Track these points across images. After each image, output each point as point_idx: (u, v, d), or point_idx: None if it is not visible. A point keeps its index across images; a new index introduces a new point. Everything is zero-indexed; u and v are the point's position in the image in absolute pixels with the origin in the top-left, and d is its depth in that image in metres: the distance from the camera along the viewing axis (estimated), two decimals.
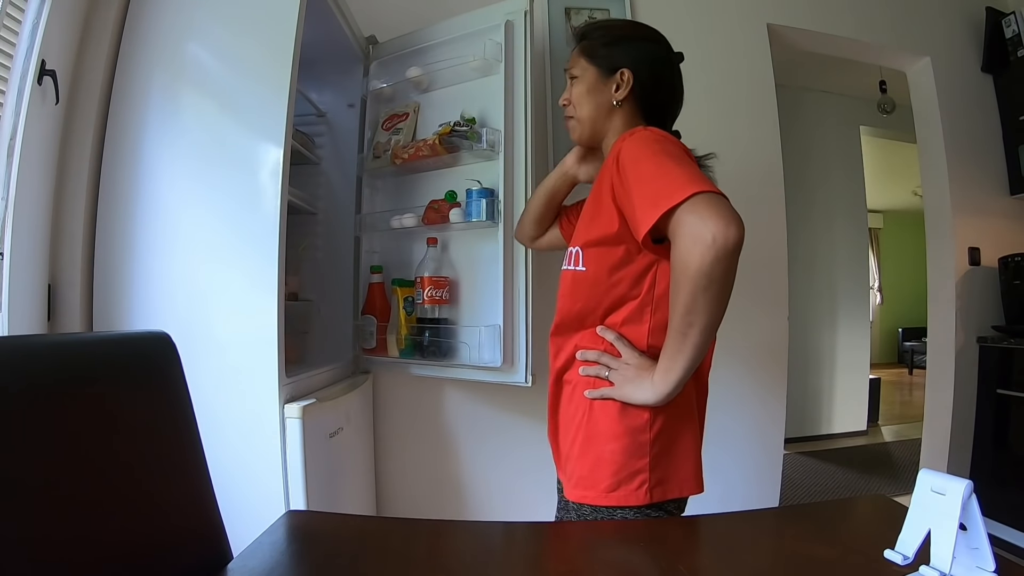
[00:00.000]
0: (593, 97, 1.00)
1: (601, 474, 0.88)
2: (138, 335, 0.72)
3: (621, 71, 0.98)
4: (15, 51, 1.13)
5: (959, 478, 0.56)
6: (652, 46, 1.03)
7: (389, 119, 1.74)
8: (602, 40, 1.02)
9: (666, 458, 0.90)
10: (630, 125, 0.98)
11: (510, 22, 1.57)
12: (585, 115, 1.02)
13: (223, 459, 0.83)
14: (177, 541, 0.64)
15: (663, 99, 1.02)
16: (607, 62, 0.99)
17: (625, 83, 0.98)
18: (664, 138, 0.87)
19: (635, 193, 0.80)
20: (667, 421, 0.90)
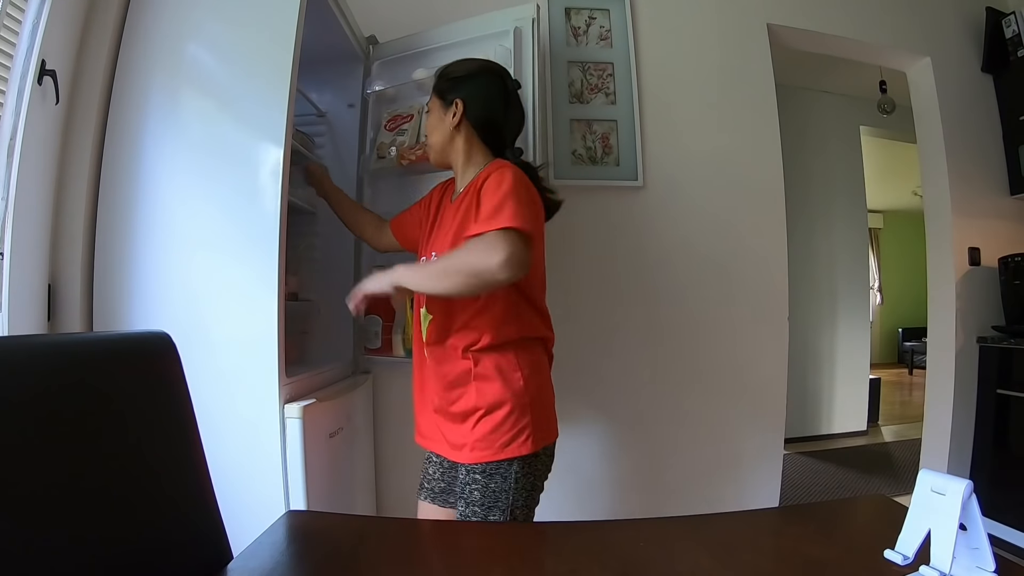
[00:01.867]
0: (438, 126, 1.24)
1: (497, 435, 1.10)
2: (138, 335, 0.72)
3: (455, 102, 1.20)
4: (15, 51, 1.13)
5: (959, 478, 0.56)
6: (485, 78, 1.24)
7: (392, 120, 1.74)
8: (445, 79, 1.25)
9: (538, 415, 1.13)
10: (471, 146, 1.22)
11: (519, 29, 1.59)
12: (434, 141, 1.25)
13: (223, 459, 0.83)
14: (177, 541, 0.64)
15: (495, 122, 1.23)
16: (447, 96, 1.23)
17: (457, 112, 1.20)
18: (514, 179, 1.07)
19: (482, 211, 1.04)
20: (537, 388, 1.14)
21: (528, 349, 1.16)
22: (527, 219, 1.01)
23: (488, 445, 1.10)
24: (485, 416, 1.11)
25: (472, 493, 1.10)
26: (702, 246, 2.07)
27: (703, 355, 2.06)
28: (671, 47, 2.10)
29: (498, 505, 1.09)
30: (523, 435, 1.09)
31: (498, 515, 1.09)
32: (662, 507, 1.99)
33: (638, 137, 2.01)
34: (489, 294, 1.10)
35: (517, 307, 1.14)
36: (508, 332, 1.13)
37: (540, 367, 1.17)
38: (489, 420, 1.11)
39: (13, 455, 0.48)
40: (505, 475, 1.09)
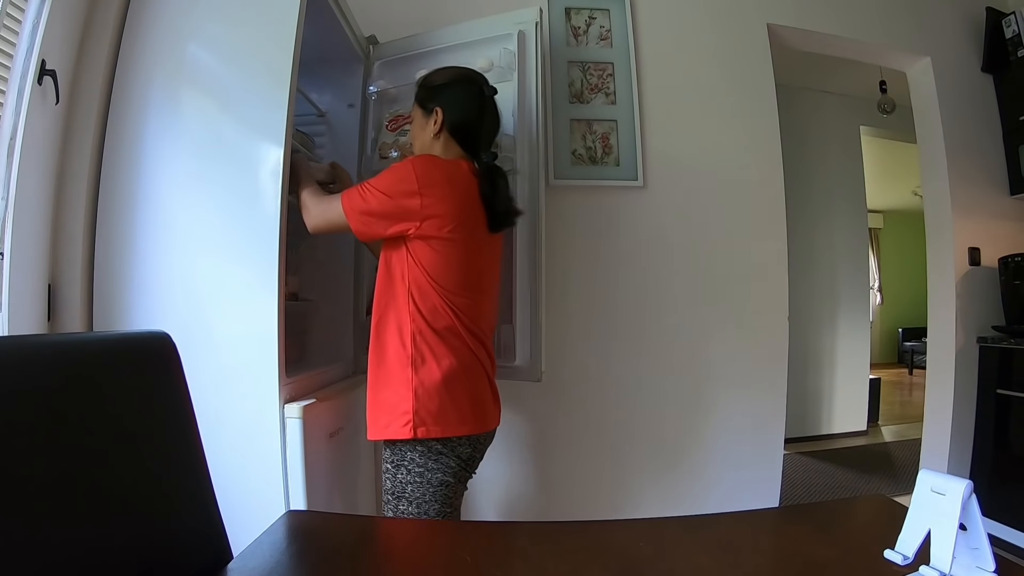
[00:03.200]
0: (420, 134, 1.32)
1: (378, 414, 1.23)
2: (138, 335, 0.72)
3: (435, 110, 1.28)
4: (15, 51, 1.13)
5: (959, 478, 0.56)
6: (463, 87, 1.30)
7: (394, 120, 1.74)
8: (426, 88, 1.32)
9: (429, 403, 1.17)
10: (447, 150, 1.29)
11: (522, 32, 1.59)
12: (416, 148, 1.34)
13: (223, 459, 0.83)
14: (177, 541, 0.64)
15: (471, 129, 1.30)
16: (428, 105, 1.30)
17: (438, 120, 1.28)
18: (408, 174, 1.17)
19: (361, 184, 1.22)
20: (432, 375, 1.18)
21: (429, 339, 1.19)
22: (367, 201, 1.17)
23: (372, 422, 1.22)
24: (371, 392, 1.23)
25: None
26: (702, 246, 2.07)
27: (703, 355, 2.06)
28: (671, 47, 2.11)
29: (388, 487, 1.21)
30: (404, 419, 1.15)
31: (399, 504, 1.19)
32: (662, 507, 1.99)
33: (638, 137, 2.01)
34: (387, 268, 1.21)
35: (420, 289, 1.18)
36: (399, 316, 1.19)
37: (442, 356, 1.19)
38: (373, 397, 1.23)
39: (13, 455, 0.48)
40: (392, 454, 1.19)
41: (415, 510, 1.17)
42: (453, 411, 1.18)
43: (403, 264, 1.19)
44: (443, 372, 1.17)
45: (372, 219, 1.18)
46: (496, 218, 1.27)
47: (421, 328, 1.18)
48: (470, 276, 1.23)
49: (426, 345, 1.18)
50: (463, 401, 1.20)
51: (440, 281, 1.18)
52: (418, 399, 1.15)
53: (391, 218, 1.17)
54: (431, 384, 1.16)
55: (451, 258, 1.19)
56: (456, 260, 1.19)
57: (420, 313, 1.18)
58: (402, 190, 1.16)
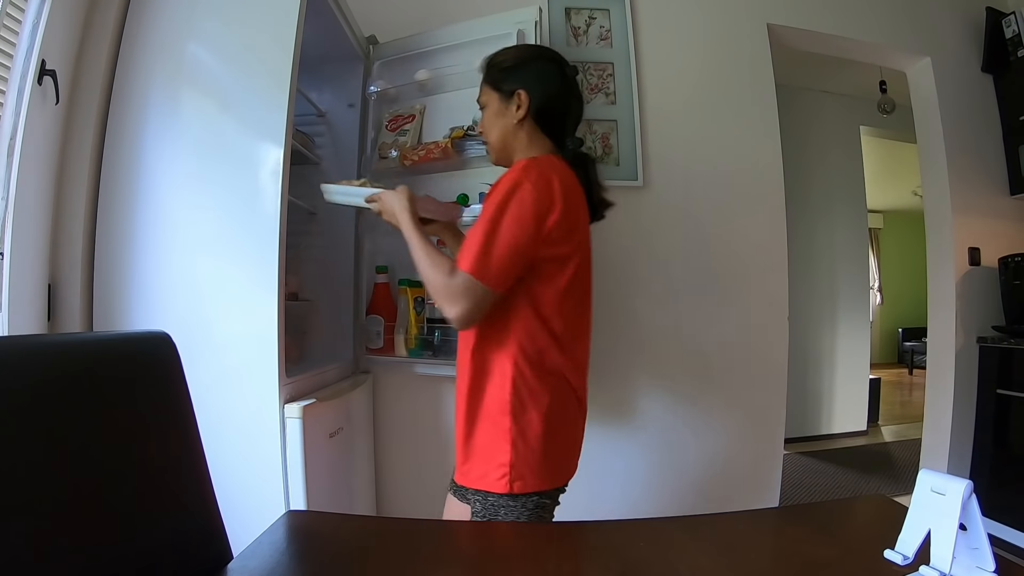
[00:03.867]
0: (499, 121, 1.12)
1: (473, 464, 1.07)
2: (138, 335, 0.72)
3: (518, 93, 1.09)
4: (15, 51, 1.13)
5: (959, 478, 0.56)
6: (544, 65, 1.13)
7: (394, 120, 1.75)
8: (499, 68, 1.13)
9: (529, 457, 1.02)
10: (533, 140, 1.11)
11: (522, 31, 1.60)
12: (495, 139, 1.14)
13: (223, 459, 0.83)
14: (177, 541, 0.64)
15: (558, 112, 1.12)
16: (506, 87, 1.11)
17: (522, 104, 1.09)
18: (526, 194, 0.98)
19: (472, 232, 0.99)
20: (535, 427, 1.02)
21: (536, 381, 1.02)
22: (502, 263, 0.96)
23: (463, 465, 1.06)
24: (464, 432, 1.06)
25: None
26: (702, 246, 2.07)
27: (703, 355, 2.06)
28: (671, 47, 2.10)
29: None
30: (500, 471, 1.00)
31: None
32: (662, 507, 1.99)
33: (638, 137, 2.01)
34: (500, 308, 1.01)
35: (529, 326, 1.02)
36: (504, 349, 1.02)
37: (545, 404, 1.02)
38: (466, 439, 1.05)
39: (13, 455, 0.48)
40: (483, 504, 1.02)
41: None
42: (554, 462, 1.04)
43: (514, 296, 1.01)
44: (546, 423, 1.02)
45: (511, 272, 0.98)
46: (595, 210, 1.14)
47: (524, 372, 1.01)
48: (580, 302, 1.08)
49: (528, 391, 1.01)
50: (563, 450, 1.07)
51: (553, 314, 1.02)
52: (517, 451, 1.00)
53: (526, 260, 0.98)
54: (532, 436, 1.01)
55: (568, 284, 1.03)
56: (572, 284, 1.04)
57: (526, 354, 1.01)
58: (532, 224, 0.97)
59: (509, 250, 0.96)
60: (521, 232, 0.97)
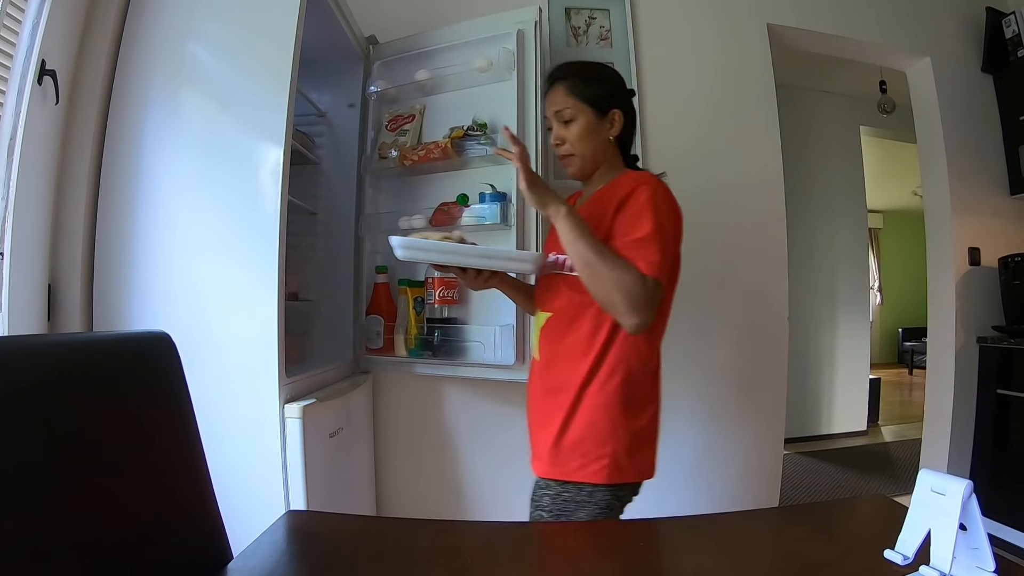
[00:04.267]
0: (593, 136, 1.13)
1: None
2: (138, 335, 0.72)
3: (613, 112, 1.13)
4: (15, 51, 1.13)
5: (959, 478, 0.56)
6: (622, 86, 1.18)
7: (394, 120, 1.75)
8: (599, 84, 1.14)
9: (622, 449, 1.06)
10: (617, 156, 1.18)
11: (521, 31, 1.60)
12: (587, 152, 1.14)
13: (223, 459, 0.83)
14: (177, 541, 0.64)
15: (631, 129, 1.18)
16: (599, 103, 1.12)
17: (617, 122, 1.14)
18: (666, 202, 1.04)
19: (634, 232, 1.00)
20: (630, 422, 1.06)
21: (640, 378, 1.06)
22: (675, 270, 1.06)
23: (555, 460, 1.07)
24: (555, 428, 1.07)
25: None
26: (702, 246, 2.06)
27: (702, 355, 2.06)
28: (671, 47, 2.10)
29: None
30: (600, 463, 1.02)
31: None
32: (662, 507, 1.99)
33: (638, 137, 2.01)
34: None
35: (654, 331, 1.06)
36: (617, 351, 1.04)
37: (649, 401, 1.08)
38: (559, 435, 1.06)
39: (12, 455, 0.48)
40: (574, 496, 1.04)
41: None
42: (650, 454, 1.10)
43: None
44: (649, 418, 1.08)
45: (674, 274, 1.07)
46: None
47: (634, 371, 1.04)
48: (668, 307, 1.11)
49: (633, 390, 1.04)
50: (655, 443, 1.12)
51: (666, 316, 1.09)
52: (620, 444, 1.03)
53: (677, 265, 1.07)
54: (638, 430, 1.05)
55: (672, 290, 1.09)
56: (673, 289, 1.10)
57: (637, 354, 1.04)
58: (678, 225, 1.06)
59: (676, 255, 1.05)
60: (679, 236, 1.05)
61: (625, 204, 1.02)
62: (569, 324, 1.08)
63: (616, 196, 1.05)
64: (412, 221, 1.65)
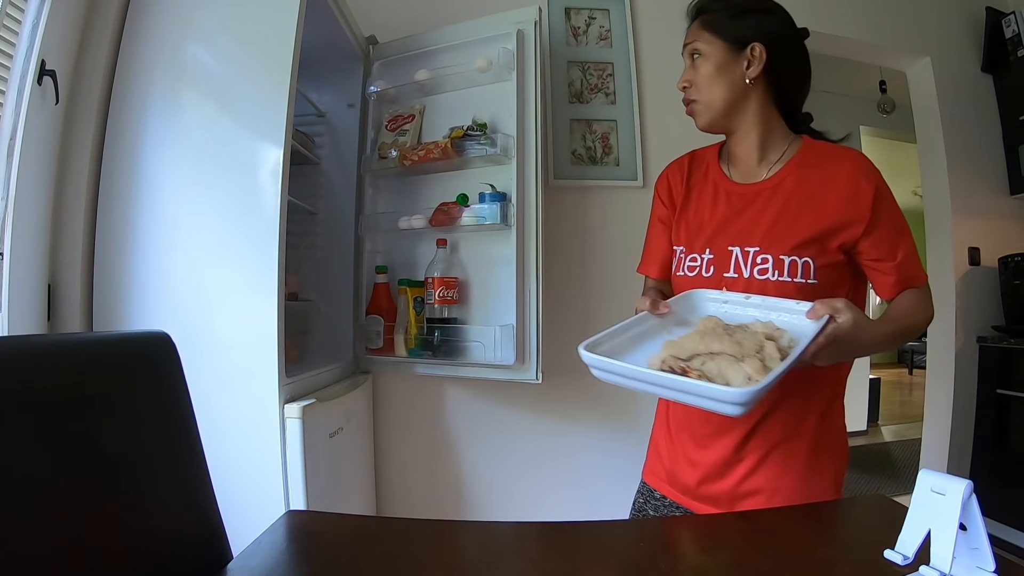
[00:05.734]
0: (723, 76, 0.91)
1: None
2: (138, 335, 0.72)
3: (752, 46, 0.89)
4: (15, 51, 1.13)
5: (959, 478, 0.56)
6: (781, 17, 0.94)
7: (393, 120, 1.75)
8: (728, 11, 0.92)
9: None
10: (764, 109, 0.93)
11: (521, 31, 1.60)
12: (716, 97, 0.92)
13: (223, 459, 0.83)
14: (177, 541, 0.64)
15: (797, 79, 0.95)
16: (736, 35, 0.90)
17: (758, 59, 0.89)
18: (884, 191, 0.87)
19: (902, 244, 0.87)
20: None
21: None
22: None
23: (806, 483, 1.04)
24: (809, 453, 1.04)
25: None
26: None
27: None
28: (671, 47, 2.09)
29: None
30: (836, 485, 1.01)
31: None
32: None
33: (638, 137, 2.01)
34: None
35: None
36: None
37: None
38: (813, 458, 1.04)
39: (12, 455, 0.48)
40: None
41: None
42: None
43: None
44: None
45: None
46: None
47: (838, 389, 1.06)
48: None
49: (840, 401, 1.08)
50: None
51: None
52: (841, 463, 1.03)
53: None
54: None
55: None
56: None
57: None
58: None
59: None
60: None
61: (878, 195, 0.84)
62: None
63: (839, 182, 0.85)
64: (412, 221, 1.65)
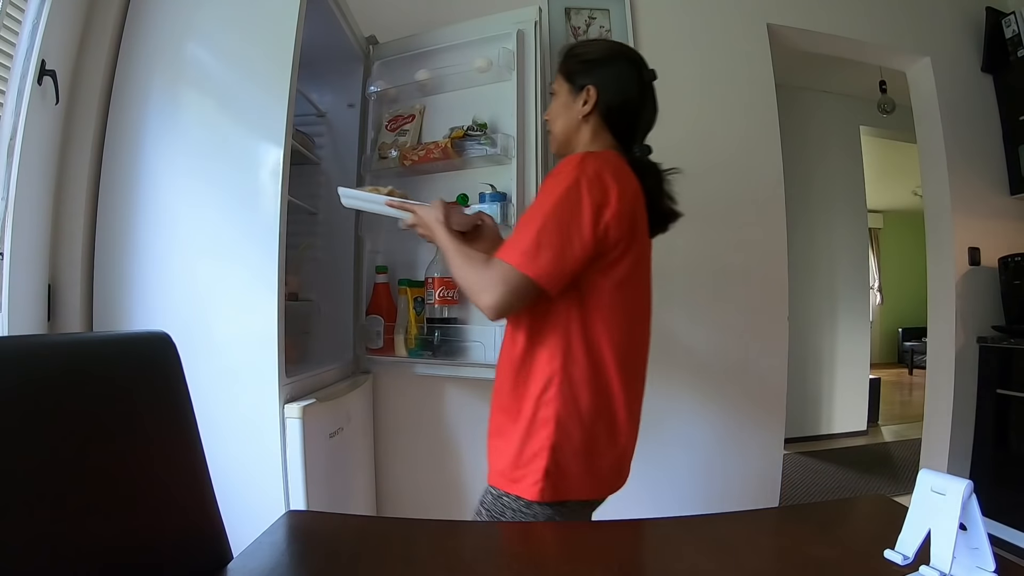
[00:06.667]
0: (565, 112, 1.10)
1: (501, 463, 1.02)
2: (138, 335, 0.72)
3: (587, 88, 1.07)
4: (15, 51, 1.13)
5: (959, 478, 0.56)
6: (622, 65, 1.11)
7: (394, 120, 1.75)
8: (576, 60, 1.11)
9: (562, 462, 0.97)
10: (597, 137, 1.09)
11: (521, 31, 1.60)
12: (558, 128, 1.12)
13: (223, 459, 0.83)
14: (177, 541, 0.64)
15: (628, 115, 1.11)
16: (576, 80, 1.09)
17: (590, 100, 1.07)
18: (580, 187, 0.93)
19: (522, 227, 0.95)
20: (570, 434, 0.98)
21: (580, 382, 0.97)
22: (547, 257, 0.91)
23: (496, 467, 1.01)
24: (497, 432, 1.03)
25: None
26: (702, 246, 2.07)
27: (703, 355, 2.06)
28: (671, 47, 2.10)
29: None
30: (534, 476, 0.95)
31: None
32: (662, 507, 1.99)
33: None
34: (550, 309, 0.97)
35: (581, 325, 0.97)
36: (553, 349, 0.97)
37: (590, 409, 0.97)
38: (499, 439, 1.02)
39: (12, 455, 0.48)
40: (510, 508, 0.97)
41: None
42: (590, 473, 0.99)
43: (567, 297, 0.96)
44: (589, 429, 0.97)
45: (560, 266, 0.91)
46: (659, 222, 1.11)
47: (572, 374, 0.96)
48: (636, 305, 1.06)
49: (572, 393, 0.96)
50: (603, 461, 1.01)
51: (606, 315, 0.98)
52: (554, 457, 0.94)
53: (578, 255, 0.92)
54: (575, 441, 0.96)
55: (623, 284, 0.99)
56: (628, 285, 1.01)
57: (575, 354, 0.97)
58: (583, 214, 0.92)
59: (560, 241, 0.91)
60: (575, 225, 0.92)
61: (543, 183, 1.00)
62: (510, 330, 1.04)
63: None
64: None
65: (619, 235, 0.96)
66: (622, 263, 0.98)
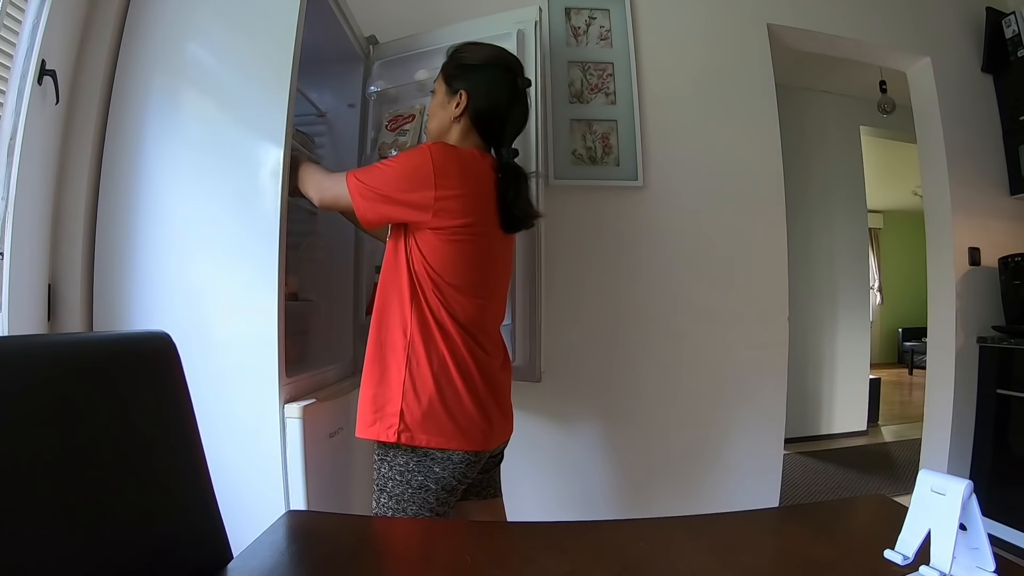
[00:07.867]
0: (439, 112, 1.22)
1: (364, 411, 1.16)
2: (138, 335, 0.72)
3: (460, 92, 1.18)
4: (15, 51, 1.13)
5: (959, 478, 0.56)
6: (495, 73, 1.20)
7: (394, 120, 1.74)
8: (454, 64, 1.22)
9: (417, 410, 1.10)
10: (465, 138, 1.20)
11: (521, 31, 1.59)
12: (432, 127, 1.24)
13: (223, 459, 0.83)
14: (177, 541, 0.64)
15: (497, 120, 1.20)
16: (452, 83, 1.20)
17: (461, 104, 1.18)
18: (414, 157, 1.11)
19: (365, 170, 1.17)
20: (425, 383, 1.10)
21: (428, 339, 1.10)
22: (376, 182, 1.10)
23: (359, 417, 1.14)
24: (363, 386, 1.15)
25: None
26: (702, 246, 2.07)
27: (703, 355, 2.06)
28: (671, 47, 2.10)
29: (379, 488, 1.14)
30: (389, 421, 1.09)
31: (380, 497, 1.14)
32: (662, 507, 1.99)
33: (638, 137, 2.01)
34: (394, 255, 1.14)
35: (425, 282, 1.10)
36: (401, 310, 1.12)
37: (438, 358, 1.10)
38: (364, 391, 1.15)
39: (12, 455, 0.48)
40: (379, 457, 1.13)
41: (395, 506, 1.12)
42: (445, 420, 1.09)
43: (410, 253, 1.11)
44: (437, 377, 1.09)
45: (380, 205, 1.10)
46: (513, 221, 1.20)
47: (423, 325, 1.10)
48: (478, 275, 1.16)
49: (423, 344, 1.09)
50: (458, 412, 1.10)
51: (447, 277, 1.11)
52: (406, 402, 1.08)
53: (400, 205, 1.09)
54: (422, 388, 1.08)
55: (460, 254, 1.12)
56: (465, 257, 1.12)
57: (422, 308, 1.10)
58: (417, 177, 1.07)
59: (386, 186, 1.09)
60: (403, 184, 1.08)
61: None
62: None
63: None
64: None
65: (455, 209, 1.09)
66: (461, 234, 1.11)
